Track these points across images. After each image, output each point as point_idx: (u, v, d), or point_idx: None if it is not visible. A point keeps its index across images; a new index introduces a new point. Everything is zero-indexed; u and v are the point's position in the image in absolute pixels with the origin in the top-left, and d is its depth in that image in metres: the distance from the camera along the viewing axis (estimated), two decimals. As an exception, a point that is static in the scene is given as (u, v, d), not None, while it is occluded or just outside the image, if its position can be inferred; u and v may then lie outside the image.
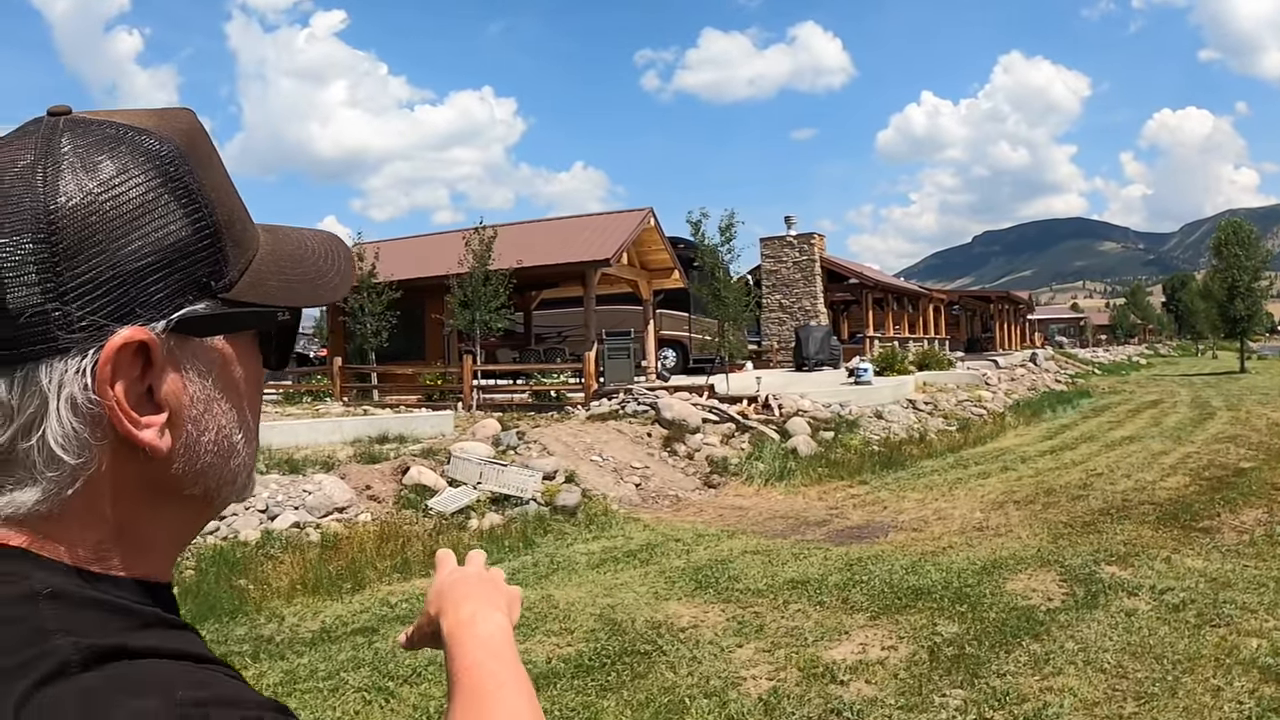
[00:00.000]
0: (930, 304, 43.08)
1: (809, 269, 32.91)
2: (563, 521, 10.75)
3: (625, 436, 15.11)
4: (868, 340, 32.24)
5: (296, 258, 0.77)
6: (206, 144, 0.71)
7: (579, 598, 7.44)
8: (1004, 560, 7.86)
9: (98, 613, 0.63)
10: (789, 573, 7.83)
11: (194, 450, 0.69)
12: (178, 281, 0.65)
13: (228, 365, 0.71)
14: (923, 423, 18.19)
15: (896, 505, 11.06)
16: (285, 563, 8.52)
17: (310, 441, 13.57)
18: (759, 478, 13.09)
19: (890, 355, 25.72)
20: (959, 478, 12.75)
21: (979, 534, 9.14)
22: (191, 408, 0.68)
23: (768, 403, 16.88)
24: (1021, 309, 59.46)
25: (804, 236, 33.41)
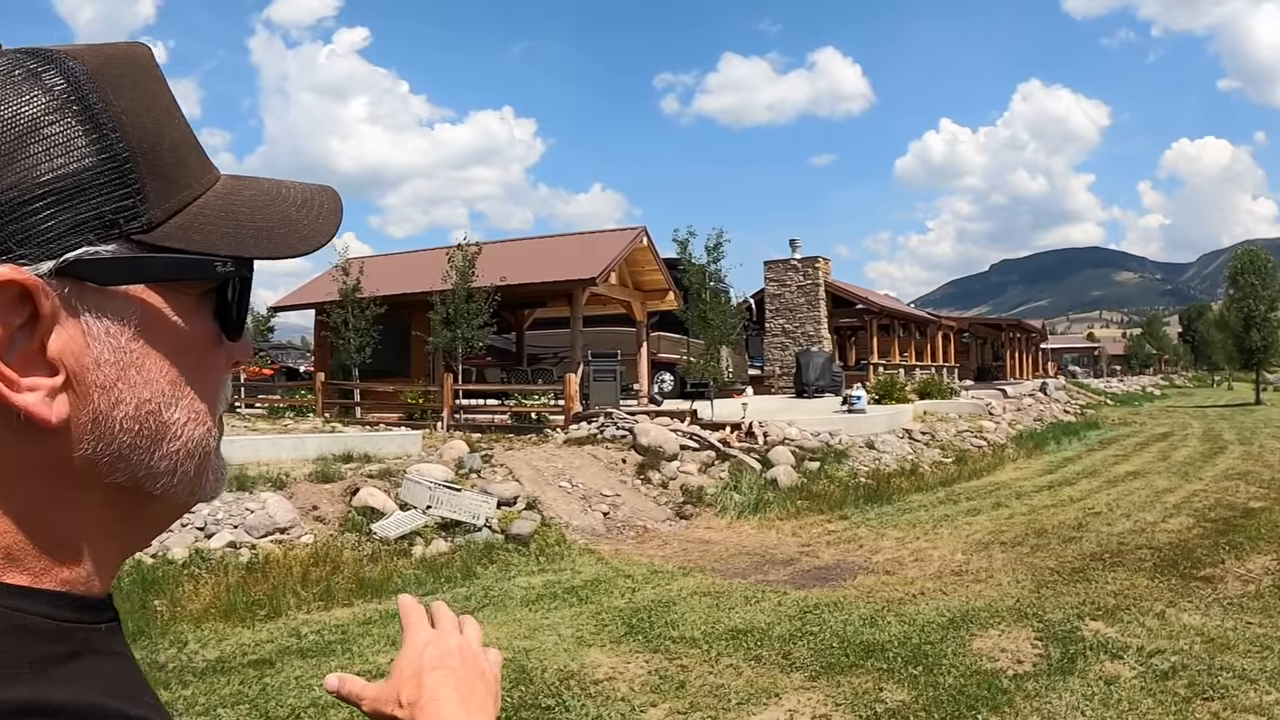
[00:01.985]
0: (939, 331, 42.17)
1: (813, 293, 32.03)
2: (512, 551, 10.03)
3: (599, 462, 14.37)
4: (871, 367, 31.36)
5: (258, 205, 0.64)
6: (137, 69, 0.60)
7: (495, 639, 6.66)
8: (976, 612, 6.98)
9: (9, 639, 0.52)
10: (733, 620, 7.02)
11: (107, 426, 0.57)
12: (74, 216, 0.54)
13: (154, 324, 0.59)
14: (917, 454, 17.30)
15: (873, 544, 10.20)
16: (206, 584, 7.97)
17: (272, 457, 12.96)
18: (733, 509, 12.28)
19: (888, 383, 24.82)
20: (946, 514, 11.87)
21: (956, 579, 8.27)
22: (98, 371, 0.56)
23: (751, 430, 16.05)
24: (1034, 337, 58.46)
25: (809, 260, 32.55)
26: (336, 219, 0.68)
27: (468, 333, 20.50)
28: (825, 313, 32.11)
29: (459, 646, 0.91)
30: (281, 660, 6.26)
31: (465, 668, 0.88)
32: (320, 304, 24.68)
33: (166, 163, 0.59)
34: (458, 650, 0.90)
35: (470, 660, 0.90)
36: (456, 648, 0.90)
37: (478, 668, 0.90)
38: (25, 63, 0.56)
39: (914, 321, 39.67)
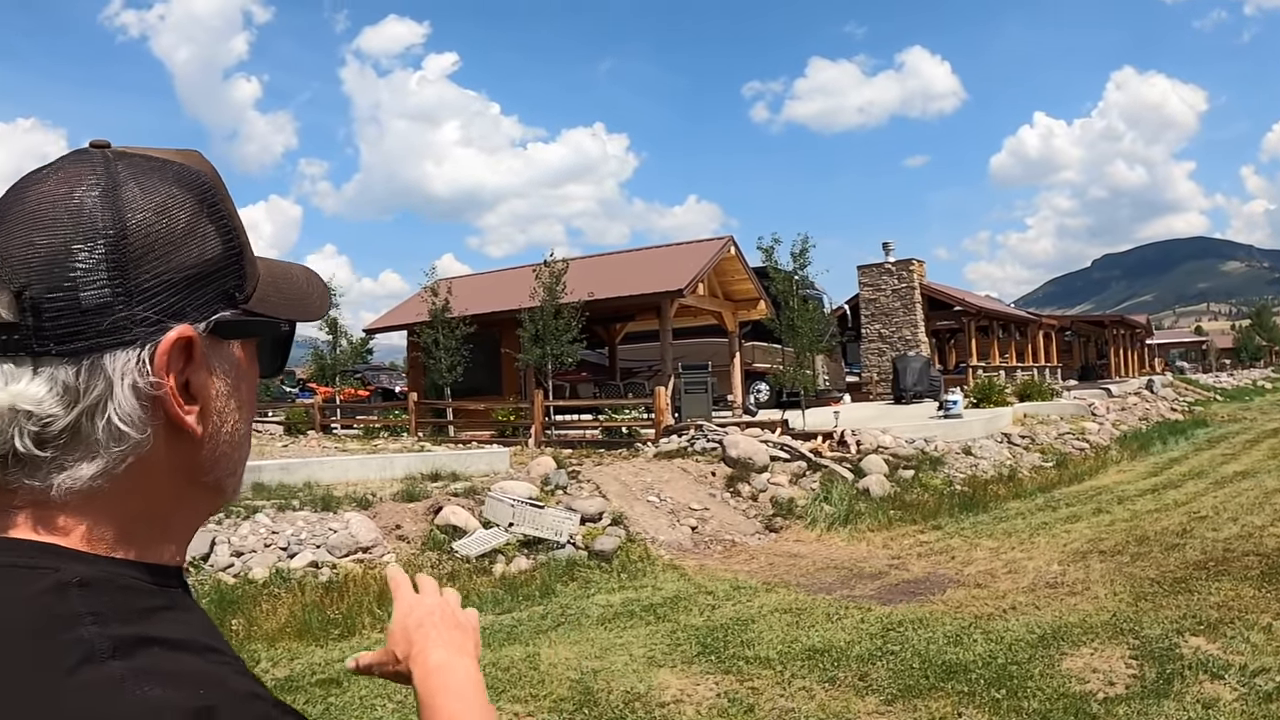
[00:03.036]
0: (1040, 331, 40.81)
1: (908, 297, 31.18)
2: (594, 568, 9.90)
3: (688, 475, 14.19)
4: (970, 370, 30.44)
5: (288, 279, 0.87)
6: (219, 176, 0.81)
7: (566, 658, 6.53)
8: (1068, 629, 6.57)
9: (124, 597, 0.69)
10: (812, 638, 6.74)
11: (217, 439, 0.78)
12: (214, 290, 0.75)
13: (241, 367, 0.81)
14: (1016, 458, 16.66)
15: (966, 555, 9.78)
16: (284, 604, 8.02)
17: (360, 477, 13.07)
18: (823, 521, 11.95)
19: (986, 386, 24.01)
20: (1044, 522, 11.32)
21: (1050, 592, 7.83)
22: (217, 400, 0.77)
23: (844, 439, 15.68)
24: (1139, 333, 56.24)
25: (903, 263, 31.74)
26: (328, 296, 0.94)
27: (557, 349, 20.47)
28: (921, 316, 31.24)
29: (438, 605, 1.08)
30: (349, 680, 6.20)
31: (444, 621, 1.05)
32: (411, 325, 24.95)
33: (250, 252, 0.80)
34: (437, 608, 1.07)
35: (448, 614, 1.07)
36: (436, 606, 1.07)
37: (454, 620, 1.06)
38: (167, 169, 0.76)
39: (1014, 322, 38.51)
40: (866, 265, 32.42)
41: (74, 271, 0.68)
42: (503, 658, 6.60)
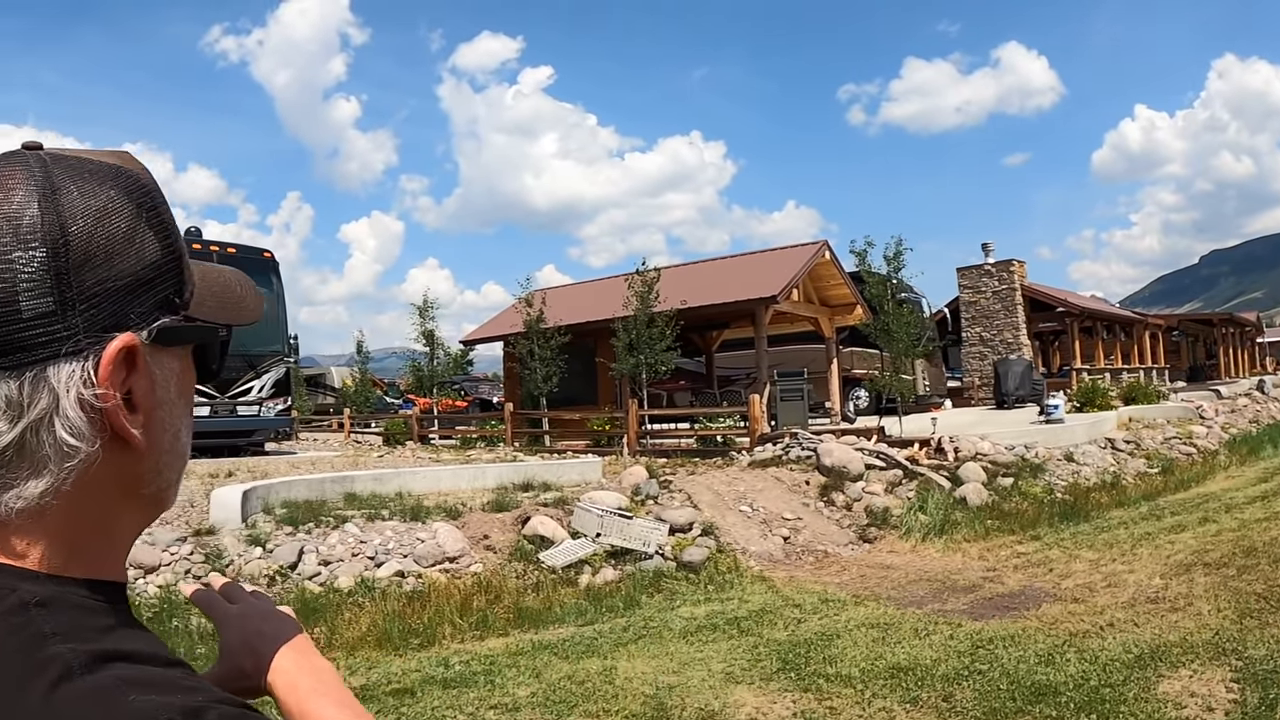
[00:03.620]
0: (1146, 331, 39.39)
1: (1009, 298, 30.31)
2: (680, 580, 9.80)
3: (782, 484, 13.98)
4: (1073, 373, 29.46)
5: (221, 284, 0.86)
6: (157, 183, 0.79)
7: (643, 672, 6.43)
8: (1168, 648, 6.21)
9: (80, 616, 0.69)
10: (897, 655, 6.51)
11: (157, 449, 0.76)
12: (155, 297, 0.73)
13: (179, 372, 0.79)
14: (1120, 465, 16.01)
15: (1064, 567, 9.39)
16: (366, 613, 8.05)
17: (452, 488, 13.18)
18: (918, 531, 11.63)
19: (1090, 389, 23.19)
20: (1147, 532, 10.80)
21: (1150, 608, 7.44)
22: (157, 409, 0.75)
23: (941, 446, 15.29)
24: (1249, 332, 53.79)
25: (1002, 264, 30.86)
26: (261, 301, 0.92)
27: (651, 358, 20.44)
28: (1023, 318, 30.33)
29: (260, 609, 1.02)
30: (423, 690, 6.21)
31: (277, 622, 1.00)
32: (506, 336, 25.19)
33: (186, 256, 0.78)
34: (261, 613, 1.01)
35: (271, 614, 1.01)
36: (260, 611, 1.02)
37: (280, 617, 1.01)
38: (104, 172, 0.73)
39: (1118, 322, 37.22)
40: (966, 267, 31.67)
41: (13, 280, 0.66)
42: (579, 670, 6.54)
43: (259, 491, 10.55)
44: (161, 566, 8.49)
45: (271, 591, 8.41)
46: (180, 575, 8.39)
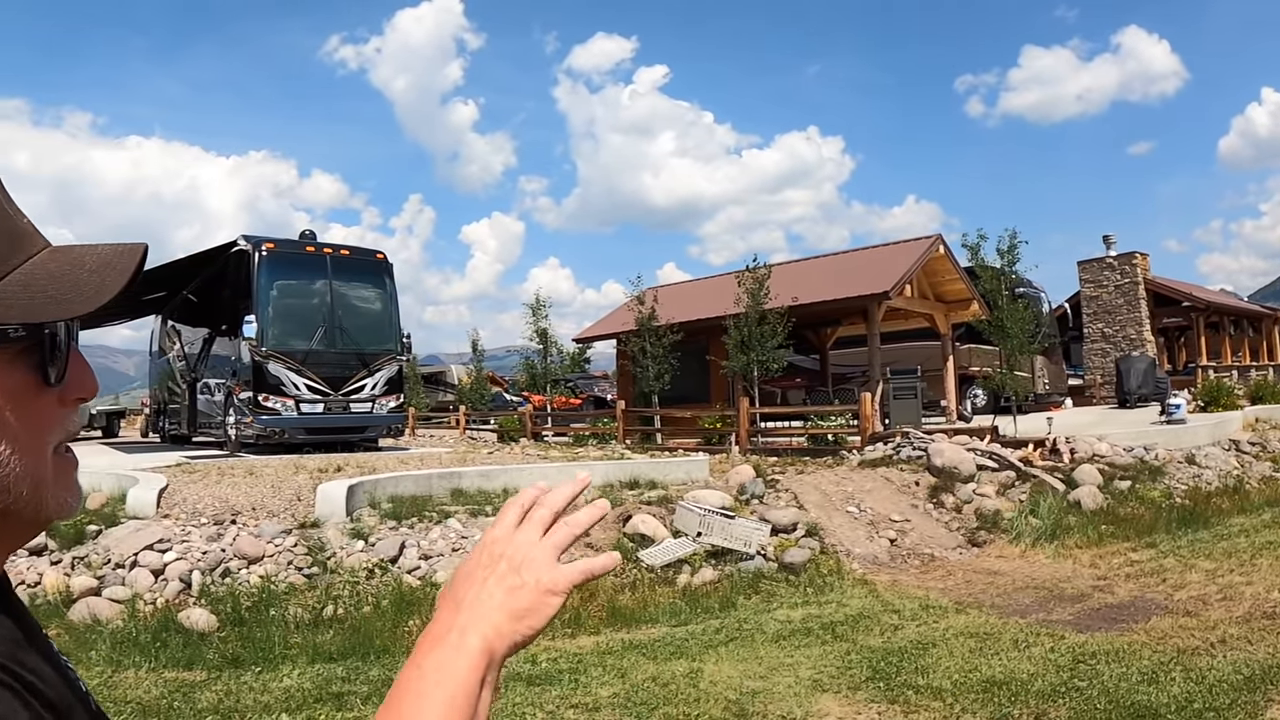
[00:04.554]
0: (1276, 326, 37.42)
1: (1132, 293, 29.05)
2: (780, 581, 9.68)
3: (891, 485, 13.72)
4: (1199, 371, 28.16)
5: (56, 275, 0.79)
6: None
7: (729, 677, 6.36)
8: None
9: None
10: (992, 668, 6.29)
11: None
12: None
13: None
14: (1244, 468, 15.19)
15: (1179, 577, 8.95)
16: (460, 609, 8.06)
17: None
18: (1028, 535, 11.25)
19: (1214, 388, 22.09)
20: (1269, 541, 10.18)
21: (1267, 624, 7.00)
22: None
23: (1056, 447, 14.77)
24: (1388, 326, 50.64)
25: (1124, 256, 29.60)
26: (123, 278, 0.80)
27: (762, 355, 20.29)
28: (1146, 313, 29.05)
29: (519, 545, 0.95)
30: (507, 686, 6.22)
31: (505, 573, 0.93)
32: (619, 334, 25.29)
33: None
34: (510, 552, 0.94)
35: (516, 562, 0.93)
36: (515, 547, 0.95)
37: (491, 554, 0.94)
38: None
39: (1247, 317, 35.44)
40: (1087, 260, 30.49)
41: None
42: (664, 672, 6.50)
43: (365, 486, 10.79)
44: (265, 558, 8.76)
45: (370, 584, 8.60)
46: (282, 567, 8.64)
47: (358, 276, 17.36)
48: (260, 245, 16.29)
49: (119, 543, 8.78)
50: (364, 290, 17.41)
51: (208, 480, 11.34)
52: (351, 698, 6.10)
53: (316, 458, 14.20)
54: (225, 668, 6.78)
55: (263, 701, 6.02)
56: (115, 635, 7.28)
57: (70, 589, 7.99)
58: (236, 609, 7.83)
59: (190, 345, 19.87)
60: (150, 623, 7.54)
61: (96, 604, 7.87)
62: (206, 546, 8.83)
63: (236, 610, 7.81)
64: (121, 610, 7.80)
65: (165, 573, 8.39)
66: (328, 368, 16.20)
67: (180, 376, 20.34)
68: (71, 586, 8.03)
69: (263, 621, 7.63)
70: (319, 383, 15.98)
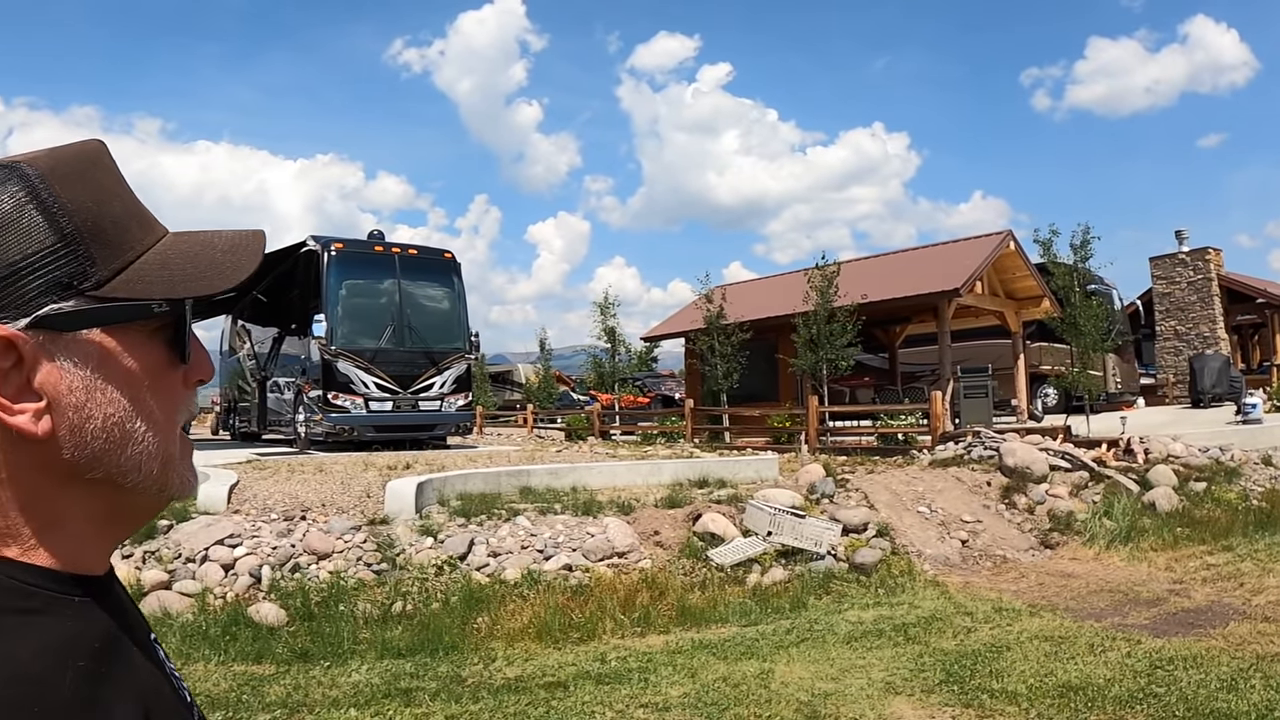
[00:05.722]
0: (1355, 321, 36.30)
1: (1205, 289, 28.38)
2: (851, 582, 9.66)
3: (962, 485, 13.58)
4: (1274, 369, 27.46)
5: (190, 255, 0.83)
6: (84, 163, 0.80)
7: (801, 678, 6.38)
8: (1368, 676, 5.79)
9: None
10: (1068, 673, 6.24)
11: (81, 435, 0.75)
12: (41, 284, 0.73)
13: (112, 357, 0.77)
14: (1323, 470, 14.86)
15: (1257, 581, 8.77)
16: (530, 604, 8.21)
17: (628, 482, 13.32)
18: (1102, 538, 11.08)
19: (1291, 387, 21.61)
20: (1349, 545, 10.02)
21: (1352, 631, 6.94)
22: (71, 395, 0.75)
23: (1130, 447, 14.53)
24: None
25: (1197, 252, 28.91)
26: (255, 258, 0.85)
27: (831, 353, 20.20)
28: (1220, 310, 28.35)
29: None
30: (576, 684, 6.30)
31: None
32: (687, 332, 25.32)
33: (109, 234, 0.78)
34: None
35: None
36: None
37: None
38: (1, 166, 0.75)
39: (1325, 312, 34.46)
40: (1159, 256, 29.84)
41: None
42: (735, 672, 6.54)
43: (434, 484, 10.94)
44: (334, 554, 8.92)
45: (439, 581, 8.74)
46: (351, 563, 8.81)
47: (426, 275, 17.53)
48: (329, 245, 16.55)
49: (190, 537, 8.96)
50: (432, 289, 17.60)
51: (278, 477, 11.58)
52: (420, 694, 6.20)
53: (385, 455, 14.41)
54: (294, 662, 6.90)
55: (331, 696, 6.14)
56: (185, 628, 7.43)
57: (141, 582, 8.13)
58: (306, 604, 7.95)
59: (260, 344, 20.28)
60: (220, 616, 7.68)
61: (167, 597, 8.02)
62: (276, 542, 9.00)
63: (306, 605, 7.93)
64: (191, 604, 7.95)
65: (235, 567, 8.55)
66: (396, 366, 16.38)
67: (250, 375, 20.77)
68: (142, 580, 8.17)
69: (331, 617, 7.77)
70: (388, 381, 16.20)
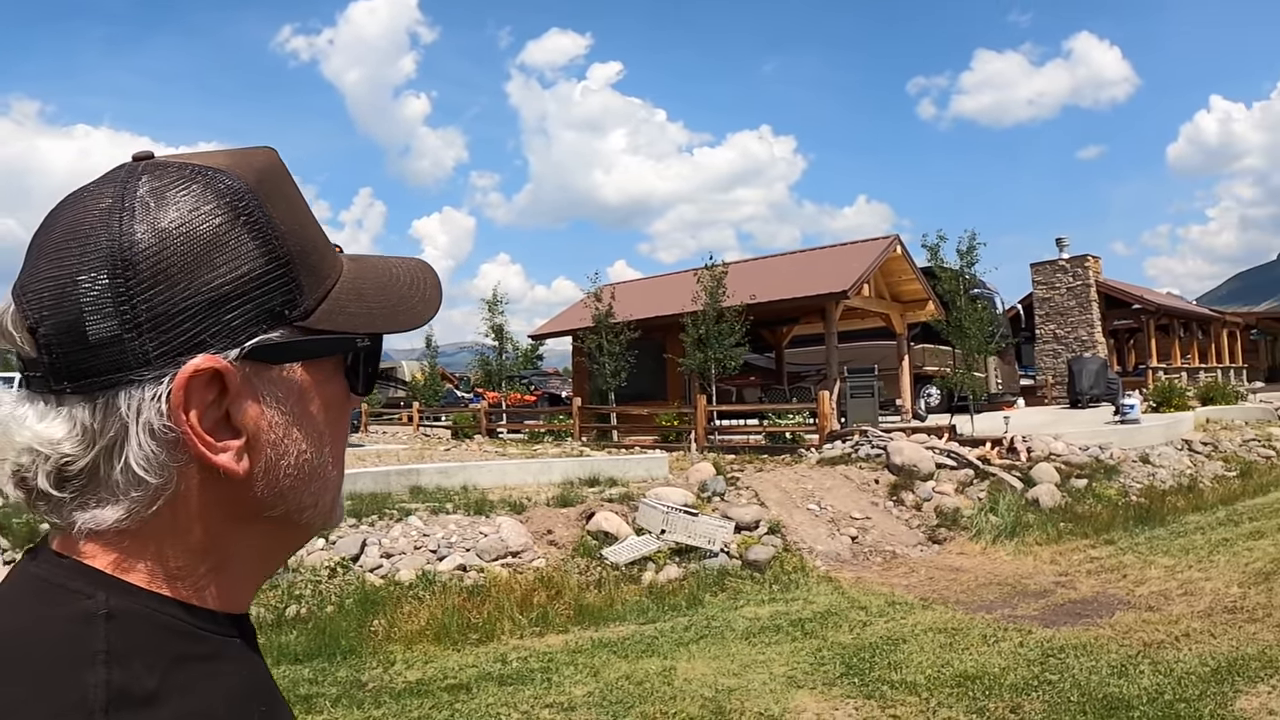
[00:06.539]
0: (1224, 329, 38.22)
1: (1084, 295, 29.49)
2: (745, 579, 9.69)
3: (851, 483, 13.79)
4: (1149, 372, 28.70)
5: (380, 285, 0.78)
6: (279, 179, 0.73)
7: (703, 674, 6.35)
8: (1245, 661, 5.95)
9: (157, 638, 0.65)
10: (964, 663, 6.34)
11: (274, 473, 0.71)
12: (250, 311, 0.67)
13: (308, 391, 0.73)
14: (1196, 467, 15.49)
15: (1139, 573, 9.09)
16: (426, 607, 8.04)
17: (519, 482, 13.17)
18: (988, 533, 11.36)
19: (1166, 389, 22.57)
20: (1225, 538, 10.40)
21: (1228, 618, 7.14)
22: (270, 432, 0.70)
23: (1014, 446, 14.96)
24: (1332, 330, 51.79)
25: (1077, 259, 30.05)
26: (438, 296, 0.82)
27: (719, 353, 20.30)
28: (1098, 315, 29.52)
29: None
30: (479, 686, 6.22)
31: None
32: (575, 330, 25.22)
33: (312, 260, 0.72)
34: None
35: None
36: None
37: None
38: (194, 178, 0.67)
39: (1195, 320, 36.14)
40: (1040, 262, 30.92)
41: (79, 304, 0.64)
42: (638, 670, 6.48)
43: (323, 484, 10.66)
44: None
45: (333, 583, 8.49)
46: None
47: None
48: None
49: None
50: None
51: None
52: (320, 700, 6.02)
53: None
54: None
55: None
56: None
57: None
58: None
59: None
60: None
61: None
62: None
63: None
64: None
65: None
66: None
67: None
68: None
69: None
70: None
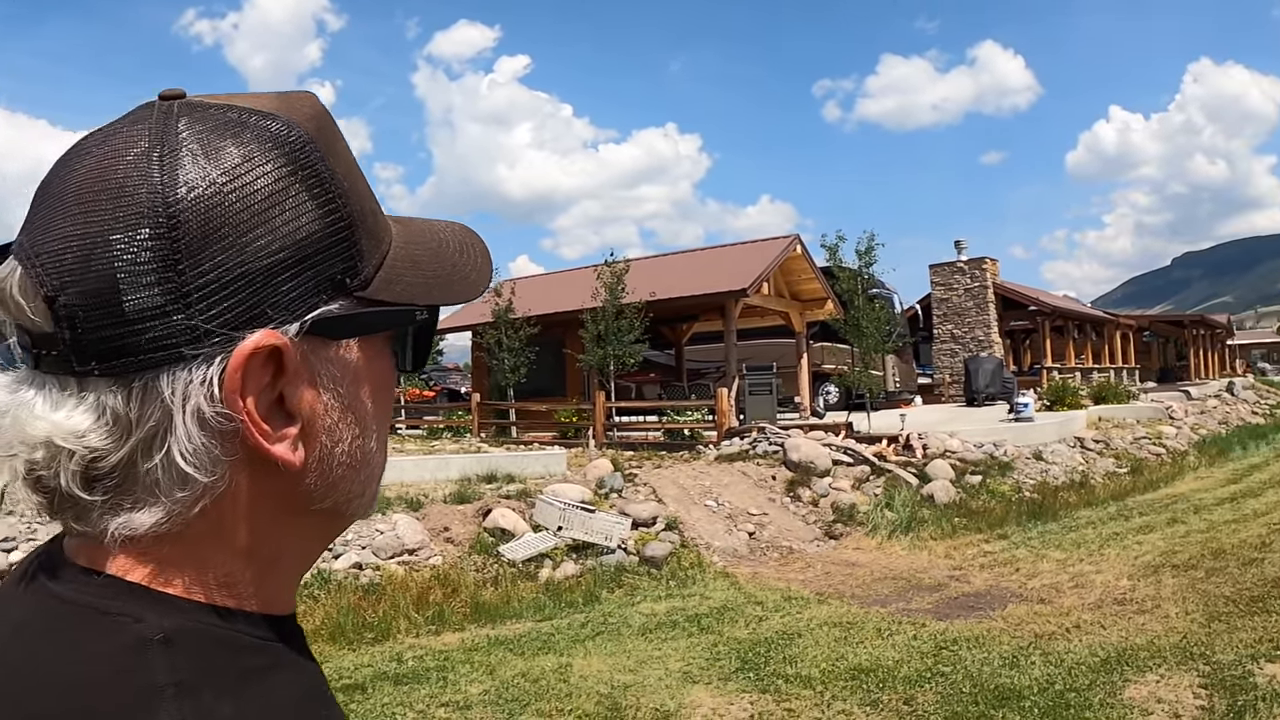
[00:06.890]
0: (1117, 331, 39.56)
1: (981, 296, 30.27)
2: (643, 575, 9.64)
3: (748, 479, 13.84)
4: (1044, 372, 29.54)
5: (432, 251, 0.70)
6: (335, 129, 0.64)
7: (599, 670, 6.27)
8: (1134, 651, 6.11)
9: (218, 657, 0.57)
10: (859, 656, 6.38)
11: (328, 462, 0.62)
12: (311, 279, 0.58)
13: (361, 370, 0.64)
14: (1089, 464, 16.02)
15: (1031, 567, 9.30)
16: (322, 605, 7.83)
17: (415, 479, 12.89)
18: (884, 528, 11.52)
19: (1060, 388, 23.27)
20: (1115, 532, 10.74)
21: (1117, 609, 7.34)
22: (325, 416, 0.61)
23: (910, 443, 15.20)
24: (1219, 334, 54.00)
25: (975, 261, 30.83)
26: (489, 265, 0.74)
27: (619, 350, 20.24)
28: (995, 316, 30.34)
29: None
30: (374, 686, 6.09)
31: None
32: (475, 326, 24.92)
33: (370, 222, 0.63)
34: None
35: None
36: None
37: None
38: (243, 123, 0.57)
39: (1090, 322, 37.34)
40: (938, 264, 31.60)
41: (113, 268, 0.53)
42: (534, 668, 6.38)
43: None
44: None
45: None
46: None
47: None
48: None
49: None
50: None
51: None
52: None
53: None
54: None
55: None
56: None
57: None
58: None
59: None
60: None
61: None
62: (37, 542, 8.30)
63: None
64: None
65: (1, 571, 7.83)
66: None
67: None
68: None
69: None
70: None
